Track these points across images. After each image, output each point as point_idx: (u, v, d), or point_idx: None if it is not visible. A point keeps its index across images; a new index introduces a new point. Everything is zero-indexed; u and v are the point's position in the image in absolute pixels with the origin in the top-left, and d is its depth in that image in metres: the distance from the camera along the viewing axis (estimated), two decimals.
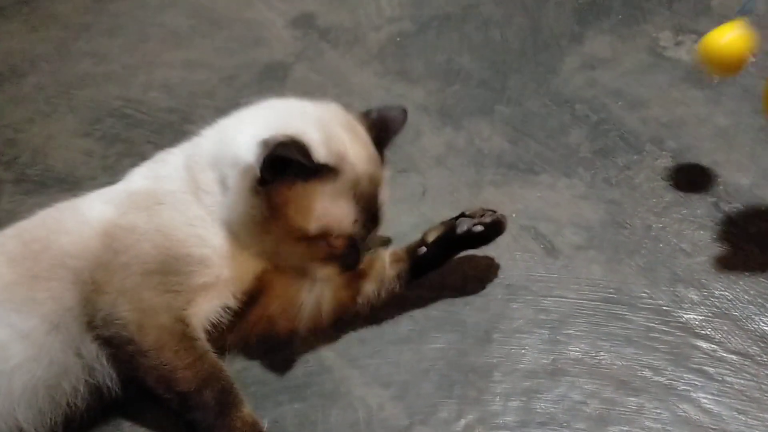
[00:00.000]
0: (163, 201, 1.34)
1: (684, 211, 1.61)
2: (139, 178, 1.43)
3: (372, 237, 1.38)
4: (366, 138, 1.38)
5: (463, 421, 1.33)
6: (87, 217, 1.36)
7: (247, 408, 1.28)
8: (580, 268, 1.53)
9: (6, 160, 1.85)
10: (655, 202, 1.63)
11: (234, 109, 1.46)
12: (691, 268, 1.51)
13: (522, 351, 1.41)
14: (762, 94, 1.48)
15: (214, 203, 1.34)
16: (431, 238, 1.47)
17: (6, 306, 1.28)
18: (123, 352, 1.27)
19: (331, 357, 1.43)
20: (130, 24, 2.25)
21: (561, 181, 1.70)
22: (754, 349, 1.38)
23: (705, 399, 1.32)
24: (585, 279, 1.51)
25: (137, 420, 1.36)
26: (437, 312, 1.48)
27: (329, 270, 1.34)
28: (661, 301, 1.47)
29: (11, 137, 1.91)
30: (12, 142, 1.90)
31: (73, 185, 1.73)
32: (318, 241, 1.31)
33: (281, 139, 1.23)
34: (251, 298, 1.38)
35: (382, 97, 1.93)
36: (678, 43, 1.97)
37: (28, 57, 2.15)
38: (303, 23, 2.18)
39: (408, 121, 1.51)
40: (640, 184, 1.67)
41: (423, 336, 1.45)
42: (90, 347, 1.29)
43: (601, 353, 1.40)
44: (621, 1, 2.12)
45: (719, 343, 1.39)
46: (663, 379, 1.36)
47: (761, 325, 1.41)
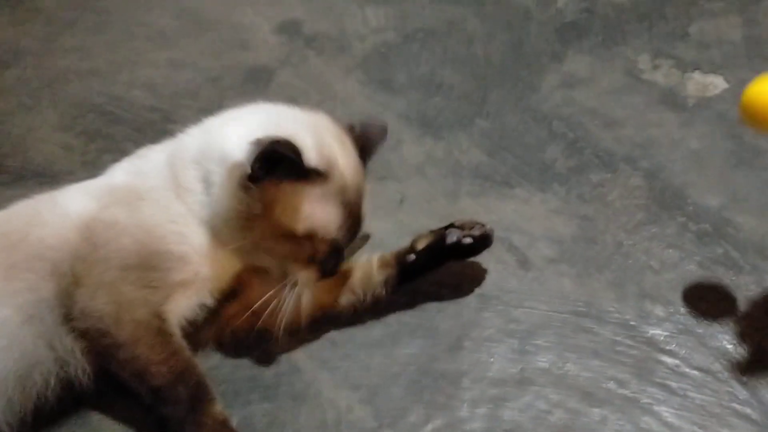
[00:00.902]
0: (145, 197, 1.35)
1: (654, 230, 1.64)
2: (121, 173, 1.44)
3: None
4: (352, 149, 1.41)
5: (431, 426, 1.34)
6: (66, 210, 1.36)
7: (219, 405, 1.29)
8: (551, 280, 1.56)
9: None
10: (627, 219, 1.66)
11: (217, 111, 1.47)
12: (659, 285, 1.54)
13: (491, 359, 1.44)
14: (741, 104, 1.31)
15: (195, 201, 1.35)
16: (420, 246, 1.47)
17: None
18: (99, 344, 1.27)
19: (302, 358, 1.44)
20: (116, 22, 2.24)
21: (536, 195, 1.72)
22: (716, 366, 1.41)
23: (667, 412, 1.35)
24: (555, 291, 1.54)
25: (107, 413, 1.36)
26: (410, 317, 1.50)
27: (308, 273, 1.36)
28: (628, 316, 1.49)
29: None
30: None
31: (52, 179, 1.72)
32: (301, 242, 1.32)
33: (276, 138, 1.25)
34: (228, 296, 1.39)
35: (364, 105, 1.95)
36: (655, 67, 2.01)
37: (11, 49, 2.15)
38: (289, 29, 2.19)
39: (389, 130, 1.54)
40: (612, 201, 1.70)
41: (395, 340, 1.47)
42: (64, 340, 1.29)
43: (568, 364, 1.42)
44: (602, 24, 2.15)
45: (683, 359, 1.42)
46: (627, 392, 1.38)
47: (724, 343, 1.44)
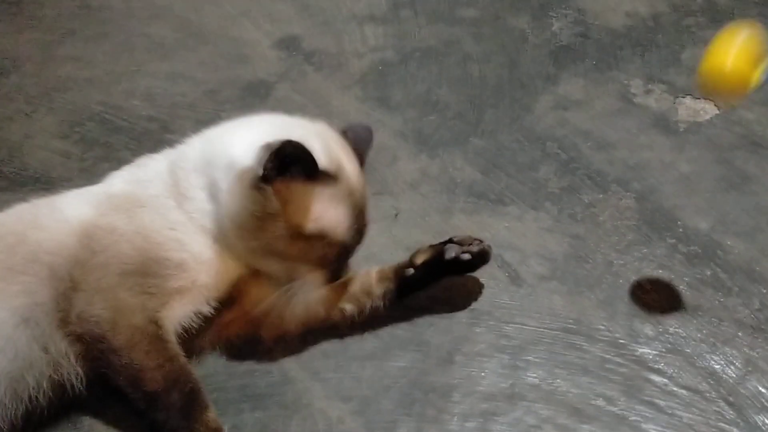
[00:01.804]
0: (145, 204, 1.36)
1: (644, 250, 1.66)
2: (120, 181, 1.45)
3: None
4: (353, 156, 1.43)
5: None
6: (65, 215, 1.37)
7: (212, 412, 1.30)
8: (542, 297, 1.57)
9: None
10: (618, 239, 1.68)
11: (215, 123, 1.48)
12: (648, 304, 1.55)
13: (482, 374, 1.45)
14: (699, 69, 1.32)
15: (196, 209, 1.36)
16: (419, 260, 1.48)
17: None
18: (94, 349, 1.28)
19: (294, 368, 1.45)
20: (115, 32, 2.26)
21: (528, 214, 1.74)
22: (703, 386, 1.43)
23: (654, 430, 1.37)
24: (546, 308, 1.55)
25: (99, 417, 1.37)
26: (402, 331, 1.51)
27: (316, 276, 1.37)
28: (618, 335, 1.51)
29: None
30: None
31: (48, 185, 1.73)
32: (311, 243, 1.33)
33: (288, 140, 1.26)
34: (224, 304, 1.39)
35: (361, 121, 1.96)
36: (647, 92, 2.04)
37: (11, 56, 2.17)
38: (288, 45, 2.21)
39: (385, 146, 1.56)
40: (604, 221, 1.72)
41: (386, 353, 1.48)
42: (59, 344, 1.29)
43: (558, 380, 1.44)
44: (596, 48, 2.18)
45: (671, 378, 1.44)
46: (615, 409, 1.40)
47: (711, 363, 1.46)
